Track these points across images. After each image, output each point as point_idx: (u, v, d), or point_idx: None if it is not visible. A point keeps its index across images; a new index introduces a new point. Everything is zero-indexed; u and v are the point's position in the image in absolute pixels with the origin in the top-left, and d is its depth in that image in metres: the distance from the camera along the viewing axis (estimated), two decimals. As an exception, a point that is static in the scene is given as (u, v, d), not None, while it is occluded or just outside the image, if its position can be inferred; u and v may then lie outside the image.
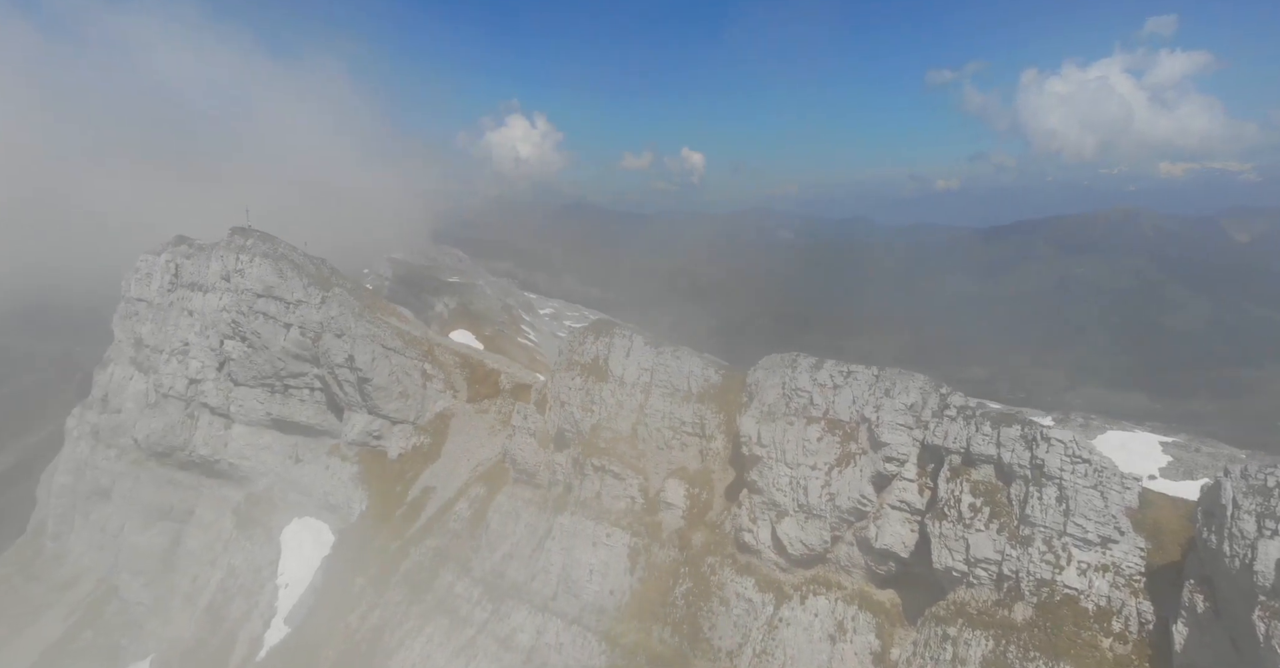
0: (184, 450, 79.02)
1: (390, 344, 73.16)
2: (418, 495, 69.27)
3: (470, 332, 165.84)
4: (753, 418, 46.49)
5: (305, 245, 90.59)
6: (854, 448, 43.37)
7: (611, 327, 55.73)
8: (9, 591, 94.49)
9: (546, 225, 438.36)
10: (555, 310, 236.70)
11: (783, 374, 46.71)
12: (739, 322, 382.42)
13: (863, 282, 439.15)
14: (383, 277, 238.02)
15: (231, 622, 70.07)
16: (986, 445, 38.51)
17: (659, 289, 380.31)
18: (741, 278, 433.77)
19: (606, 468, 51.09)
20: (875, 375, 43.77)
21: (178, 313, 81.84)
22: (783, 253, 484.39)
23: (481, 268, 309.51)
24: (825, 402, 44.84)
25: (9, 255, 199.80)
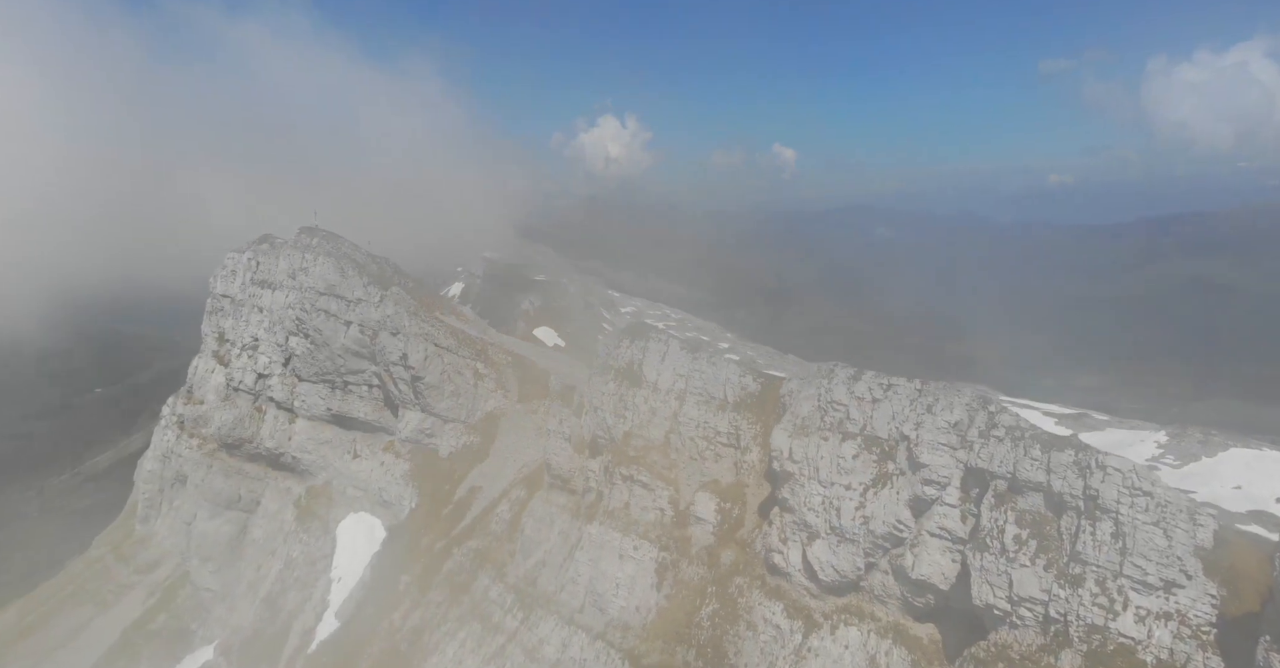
0: (252, 443, 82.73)
1: (443, 343, 74.20)
2: (464, 495, 69.96)
3: (553, 329, 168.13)
4: (785, 432, 44.14)
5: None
6: (891, 468, 40.44)
7: (648, 330, 54.35)
8: (101, 570, 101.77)
9: (634, 224, 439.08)
10: (637, 309, 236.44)
11: (818, 386, 44.14)
12: (831, 323, 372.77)
13: (969, 281, 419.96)
14: (475, 275, 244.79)
15: (286, 613, 72.77)
16: (1035, 471, 35.00)
17: (746, 288, 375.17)
18: (835, 277, 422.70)
19: (635, 478, 49.77)
20: (917, 390, 40.66)
21: (250, 309, 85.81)
22: (881, 251, 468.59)
23: (569, 266, 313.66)
24: (863, 417, 42.04)
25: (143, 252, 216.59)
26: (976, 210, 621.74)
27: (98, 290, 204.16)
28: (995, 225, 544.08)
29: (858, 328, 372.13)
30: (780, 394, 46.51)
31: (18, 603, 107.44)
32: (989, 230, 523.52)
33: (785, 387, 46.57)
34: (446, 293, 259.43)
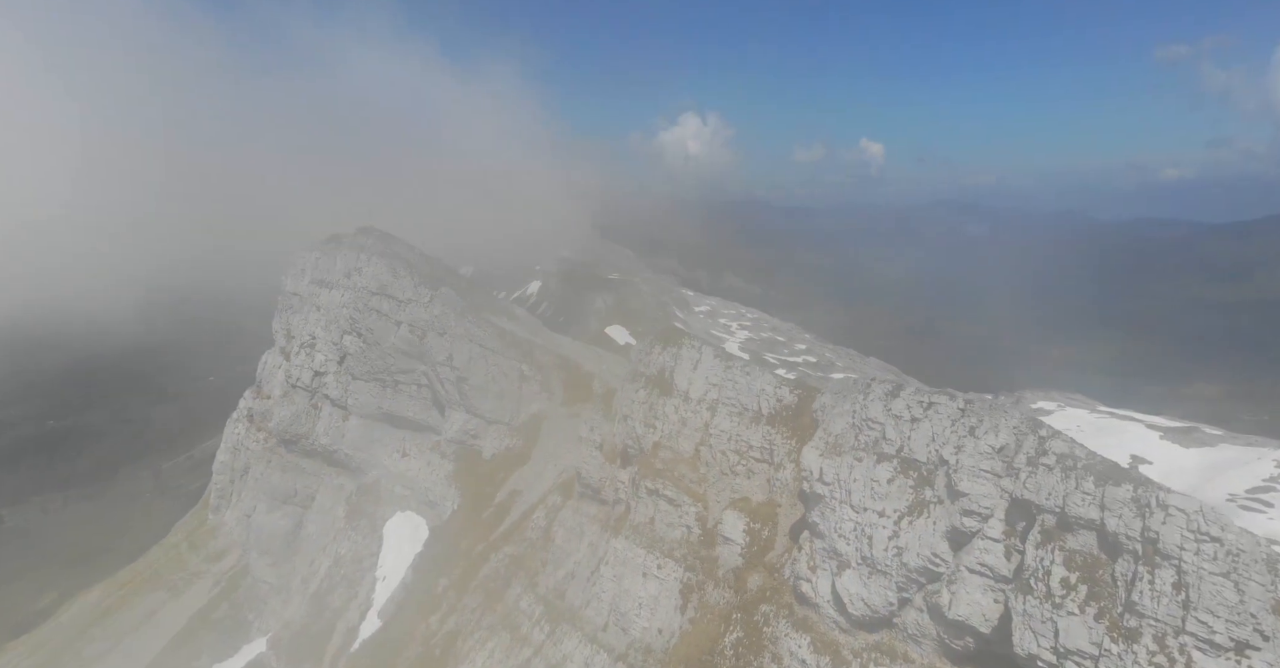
0: (308, 439, 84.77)
1: (489, 344, 73.92)
2: (505, 498, 69.49)
3: (624, 327, 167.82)
4: (816, 450, 41.16)
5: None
6: (929, 495, 37.00)
7: (680, 336, 52.10)
8: (175, 557, 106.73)
9: (711, 222, 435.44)
10: (711, 308, 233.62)
11: (853, 401, 40.96)
12: (918, 324, 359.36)
13: (1072, 282, 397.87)
14: (550, 273, 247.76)
15: (332, 611, 74.05)
16: (1087, 507, 31.10)
17: (827, 287, 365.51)
18: (924, 276, 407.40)
19: (661, 492, 47.68)
20: (960, 409, 37.06)
21: (310, 307, 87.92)
22: (974, 250, 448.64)
23: (645, 265, 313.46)
24: (900, 437, 38.68)
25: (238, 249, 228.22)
26: (1081, 208, 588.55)
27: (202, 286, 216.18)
28: (1102, 223, 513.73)
29: (947, 329, 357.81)
30: (813, 409, 43.55)
31: (102, 584, 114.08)
32: (1095, 229, 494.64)
33: (818, 401, 43.57)
34: (525, 291, 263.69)
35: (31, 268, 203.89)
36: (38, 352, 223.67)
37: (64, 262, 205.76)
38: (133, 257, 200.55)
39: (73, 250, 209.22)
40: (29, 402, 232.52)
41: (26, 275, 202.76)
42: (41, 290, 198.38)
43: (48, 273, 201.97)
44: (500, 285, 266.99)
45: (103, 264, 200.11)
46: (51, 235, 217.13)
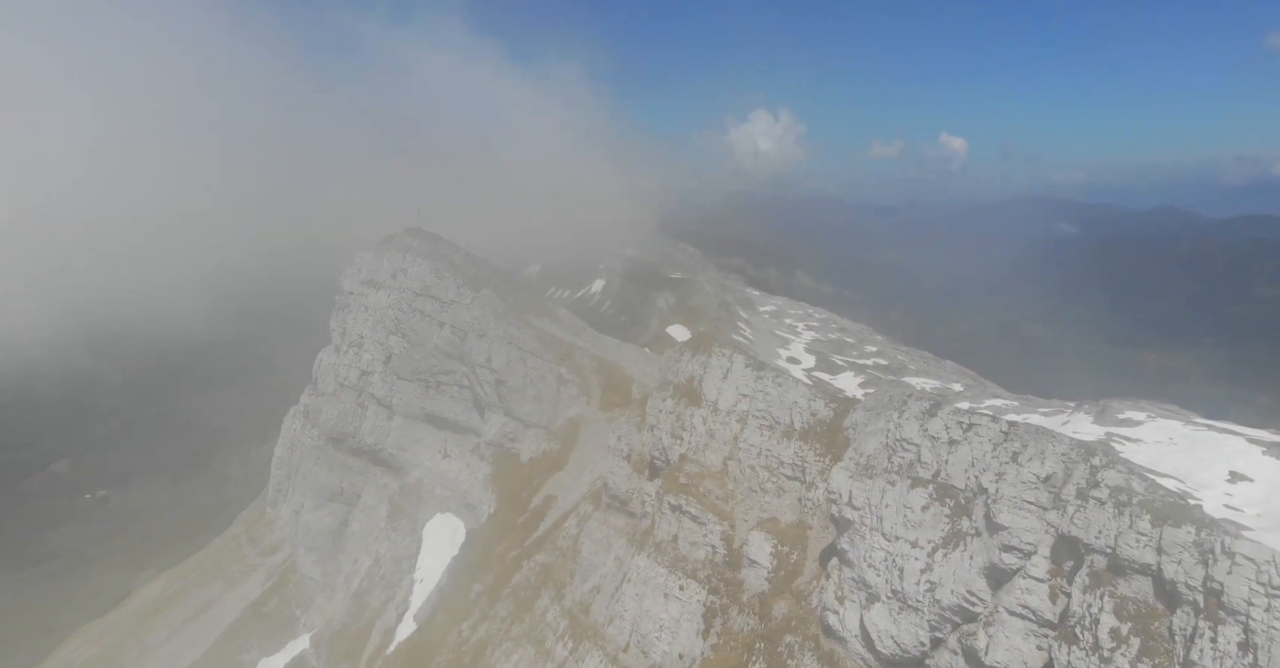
0: (354, 437, 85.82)
1: (527, 347, 73.05)
2: (540, 504, 68.48)
3: (686, 327, 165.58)
4: (846, 471, 38.30)
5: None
6: (966, 526, 33.77)
7: (710, 343, 49.70)
8: (234, 548, 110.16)
9: (782, 220, 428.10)
10: (777, 308, 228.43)
11: (887, 419, 37.93)
12: (1000, 326, 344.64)
13: (1171, 283, 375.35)
14: (614, 272, 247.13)
15: (371, 611, 74.52)
16: (1142, 549, 27.55)
17: (903, 287, 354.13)
18: (1008, 275, 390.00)
19: (684, 509, 45.50)
20: (1003, 432, 33.69)
21: (359, 307, 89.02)
22: (1063, 249, 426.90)
23: (710, 264, 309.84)
24: (936, 461, 35.52)
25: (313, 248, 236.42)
26: (1182, 205, 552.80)
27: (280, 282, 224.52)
28: (1205, 221, 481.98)
29: (1032, 332, 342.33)
30: (844, 426, 40.65)
31: (168, 573, 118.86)
32: (1198, 227, 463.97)
33: (850, 417, 40.63)
34: (589, 289, 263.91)
35: (109, 264, 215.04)
36: (125, 342, 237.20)
37: (138, 257, 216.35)
38: (205, 254, 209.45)
39: (148, 247, 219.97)
40: (131, 389, 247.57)
41: (105, 271, 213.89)
42: (121, 285, 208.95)
43: (124, 269, 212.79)
44: (565, 284, 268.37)
45: (178, 260, 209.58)
46: (125, 233, 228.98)
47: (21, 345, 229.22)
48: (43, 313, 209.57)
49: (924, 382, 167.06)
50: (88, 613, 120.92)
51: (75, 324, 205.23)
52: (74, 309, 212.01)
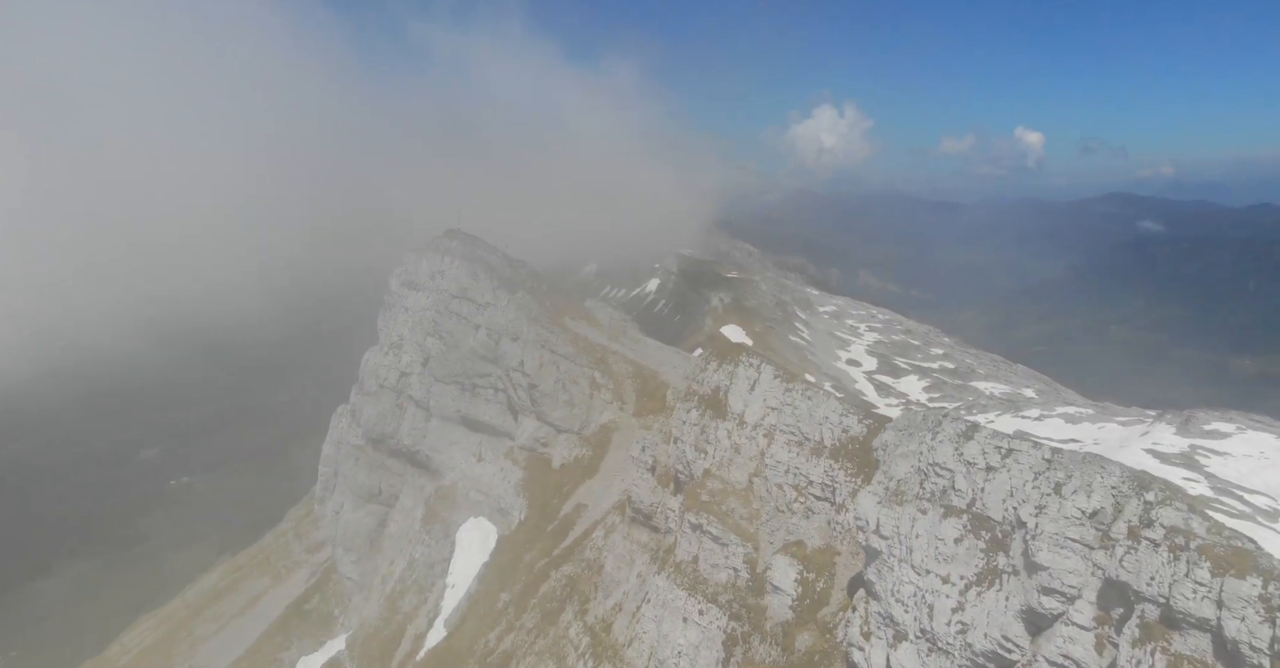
0: (393, 438, 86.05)
1: (561, 351, 71.71)
2: (570, 511, 67.12)
3: (741, 327, 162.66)
4: (874, 496, 35.46)
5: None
6: (1002, 563, 30.66)
7: (737, 352, 47.21)
8: (282, 544, 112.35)
9: (845, 217, 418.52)
10: (838, 308, 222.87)
11: (920, 441, 34.94)
12: (1078, 329, 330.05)
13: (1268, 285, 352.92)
14: (669, 271, 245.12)
15: (403, 616, 74.36)
16: (1200, 602, 24.20)
17: (974, 287, 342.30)
18: (1087, 275, 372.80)
19: (705, 529, 43.20)
20: (1046, 460, 30.45)
21: (399, 309, 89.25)
22: (1149, 247, 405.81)
23: (769, 263, 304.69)
24: (972, 489, 32.43)
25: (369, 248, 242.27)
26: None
27: (348, 281, 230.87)
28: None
29: (1114, 336, 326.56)
30: (874, 446, 37.77)
31: (222, 566, 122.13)
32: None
33: (879, 437, 37.70)
34: (643, 289, 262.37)
35: (175, 266, 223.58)
36: (198, 336, 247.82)
37: (201, 256, 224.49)
38: (268, 253, 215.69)
39: (209, 245, 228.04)
40: (216, 382, 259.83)
41: (171, 269, 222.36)
42: (190, 283, 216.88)
43: (189, 268, 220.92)
44: (620, 283, 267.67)
45: (239, 258, 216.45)
46: (185, 231, 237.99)
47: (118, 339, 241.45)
48: (121, 308, 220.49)
49: (993, 386, 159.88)
50: (170, 595, 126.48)
51: (148, 319, 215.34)
52: (144, 304, 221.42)
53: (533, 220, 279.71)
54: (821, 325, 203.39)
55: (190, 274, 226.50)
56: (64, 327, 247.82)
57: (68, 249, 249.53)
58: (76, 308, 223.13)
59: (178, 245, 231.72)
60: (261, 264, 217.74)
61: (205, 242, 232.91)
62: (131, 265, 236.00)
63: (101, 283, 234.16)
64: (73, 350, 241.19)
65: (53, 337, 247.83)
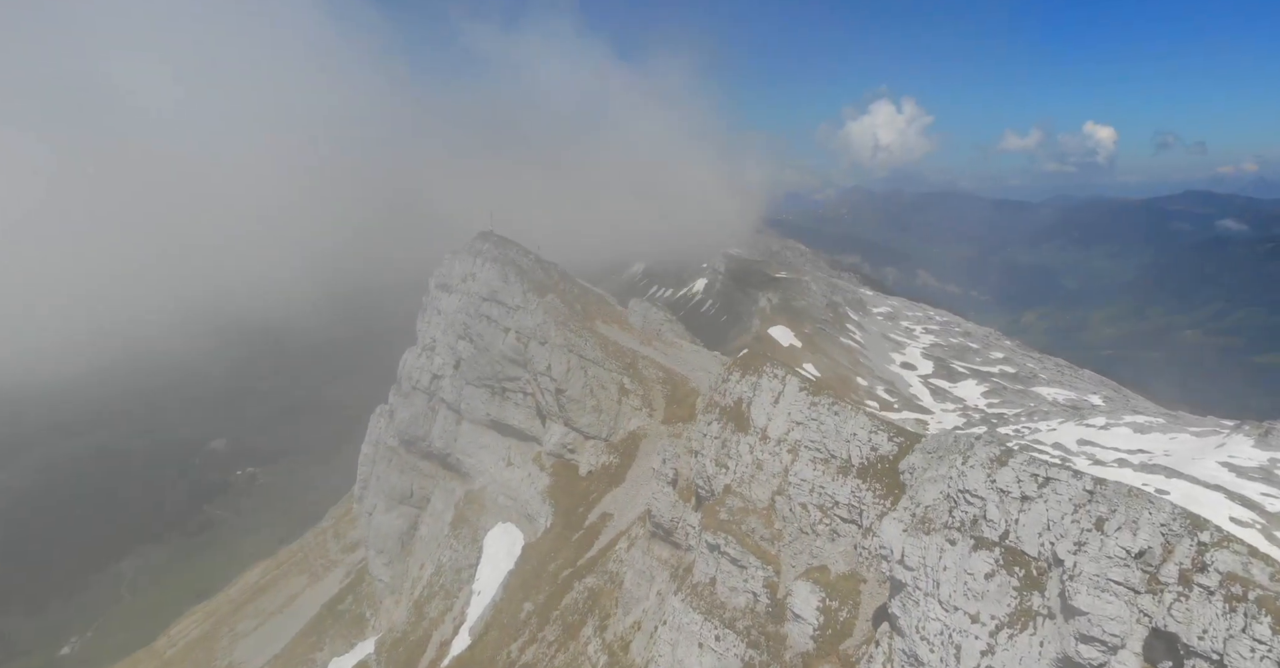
0: (425, 441, 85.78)
1: (589, 355, 70.21)
2: (595, 521, 65.59)
3: (789, 328, 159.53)
4: (899, 523, 32.98)
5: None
6: (1037, 603, 27.95)
7: (761, 363, 44.85)
8: (321, 542, 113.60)
9: (903, 216, 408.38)
10: (893, 309, 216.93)
11: (949, 465, 32.31)
12: (1151, 332, 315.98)
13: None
14: (716, 271, 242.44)
15: (429, 621, 73.91)
16: (1258, 662, 21.36)
17: (1039, 288, 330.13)
18: (1162, 277, 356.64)
19: (723, 549, 41.10)
20: (1087, 491, 27.61)
21: (432, 311, 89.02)
22: (1229, 248, 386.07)
23: (822, 262, 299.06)
24: (1005, 519, 29.73)
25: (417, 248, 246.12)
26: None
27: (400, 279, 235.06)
28: None
29: (1190, 340, 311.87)
30: (900, 469, 35.20)
31: (264, 563, 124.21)
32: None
33: (906, 460, 35.11)
34: (690, 289, 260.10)
35: (220, 264, 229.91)
36: (247, 332, 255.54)
37: (246, 253, 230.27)
38: (320, 250, 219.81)
39: (260, 245, 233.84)
40: (280, 375, 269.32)
41: (216, 267, 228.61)
42: (234, 280, 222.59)
43: (234, 265, 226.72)
44: (667, 283, 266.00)
45: (289, 255, 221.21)
46: (239, 231, 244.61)
47: (170, 335, 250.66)
48: (171, 305, 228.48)
49: (1056, 392, 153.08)
50: (230, 582, 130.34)
51: (196, 316, 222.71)
52: (192, 301, 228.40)
53: (580, 220, 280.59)
54: (875, 327, 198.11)
55: (234, 271, 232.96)
56: (119, 324, 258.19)
57: (117, 248, 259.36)
58: (129, 305, 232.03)
59: (223, 244, 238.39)
60: (307, 261, 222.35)
61: (250, 239, 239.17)
62: (179, 263, 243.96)
63: (152, 281, 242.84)
64: (129, 346, 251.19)
65: (109, 334, 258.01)
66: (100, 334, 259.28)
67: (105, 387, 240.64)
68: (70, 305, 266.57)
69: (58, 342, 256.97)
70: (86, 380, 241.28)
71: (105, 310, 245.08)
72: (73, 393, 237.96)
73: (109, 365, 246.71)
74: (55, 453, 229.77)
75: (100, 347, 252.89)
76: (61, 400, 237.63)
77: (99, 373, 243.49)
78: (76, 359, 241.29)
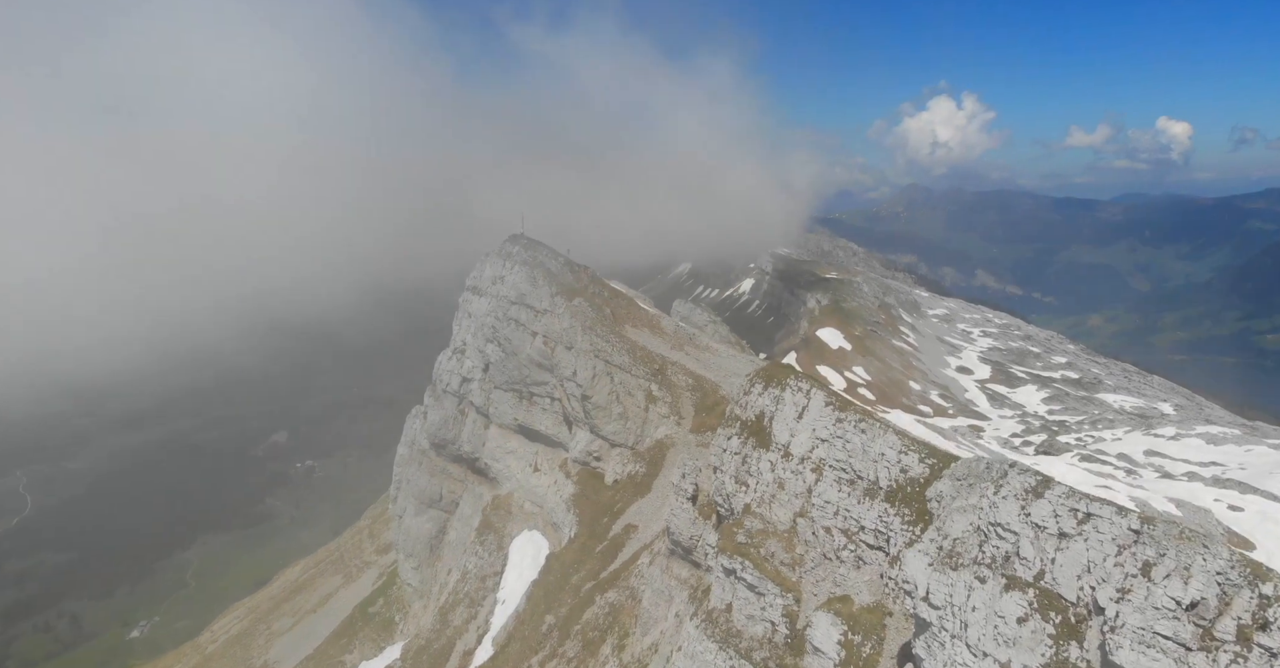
0: (454, 444, 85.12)
1: (616, 361, 68.43)
2: (619, 532, 63.84)
3: (839, 330, 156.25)
4: (924, 557, 30.33)
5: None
6: (1075, 655, 25.12)
7: (785, 374, 42.35)
8: (358, 542, 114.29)
9: (962, 215, 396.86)
10: (949, 311, 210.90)
11: (980, 494, 29.56)
12: (1227, 337, 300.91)
13: None
14: (764, 271, 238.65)
15: (453, 629, 73.07)
16: (1333, 750, 18.37)
17: (1106, 290, 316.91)
18: (1241, 279, 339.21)
19: (739, 574, 38.82)
20: (1133, 531, 24.69)
21: (463, 314, 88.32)
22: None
23: (876, 262, 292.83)
24: (1040, 558, 26.92)
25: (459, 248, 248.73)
26: None
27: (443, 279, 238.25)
28: None
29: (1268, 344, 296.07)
30: (927, 496, 32.49)
31: (304, 561, 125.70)
32: None
33: (934, 486, 32.37)
34: (737, 289, 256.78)
35: (267, 260, 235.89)
36: (297, 328, 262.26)
37: (293, 251, 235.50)
38: (366, 249, 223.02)
39: (306, 243, 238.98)
40: (337, 372, 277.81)
41: (264, 264, 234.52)
42: (280, 277, 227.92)
43: (281, 261, 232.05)
44: (713, 283, 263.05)
45: (345, 256, 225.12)
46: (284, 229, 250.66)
47: (225, 331, 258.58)
48: (224, 302, 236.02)
49: (1123, 399, 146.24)
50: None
51: (248, 313, 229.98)
52: (243, 298, 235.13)
53: (625, 220, 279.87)
54: (929, 330, 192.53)
55: (291, 271, 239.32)
56: (175, 320, 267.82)
57: (169, 247, 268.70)
58: (183, 302, 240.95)
59: (276, 243, 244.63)
60: (360, 261, 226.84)
61: (304, 239, 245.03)
62: (234, 264, 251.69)
63: (212, 282, 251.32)
64: (193, 342, 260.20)
65: (166, 331, 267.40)
66: (163, 329, 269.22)
67: (173, 380, 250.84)
68: (136, 302, 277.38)
69: (127, 337, 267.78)
70: (155, 373, 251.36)
71: (162, 308, 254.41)
72: (142, 386, 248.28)
73: (174, 360, 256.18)
74: (127, 443, 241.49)
75: (165, 342, 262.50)
76: (133, 393, 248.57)
77: (166, 367, 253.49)
78: (147, 354, 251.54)
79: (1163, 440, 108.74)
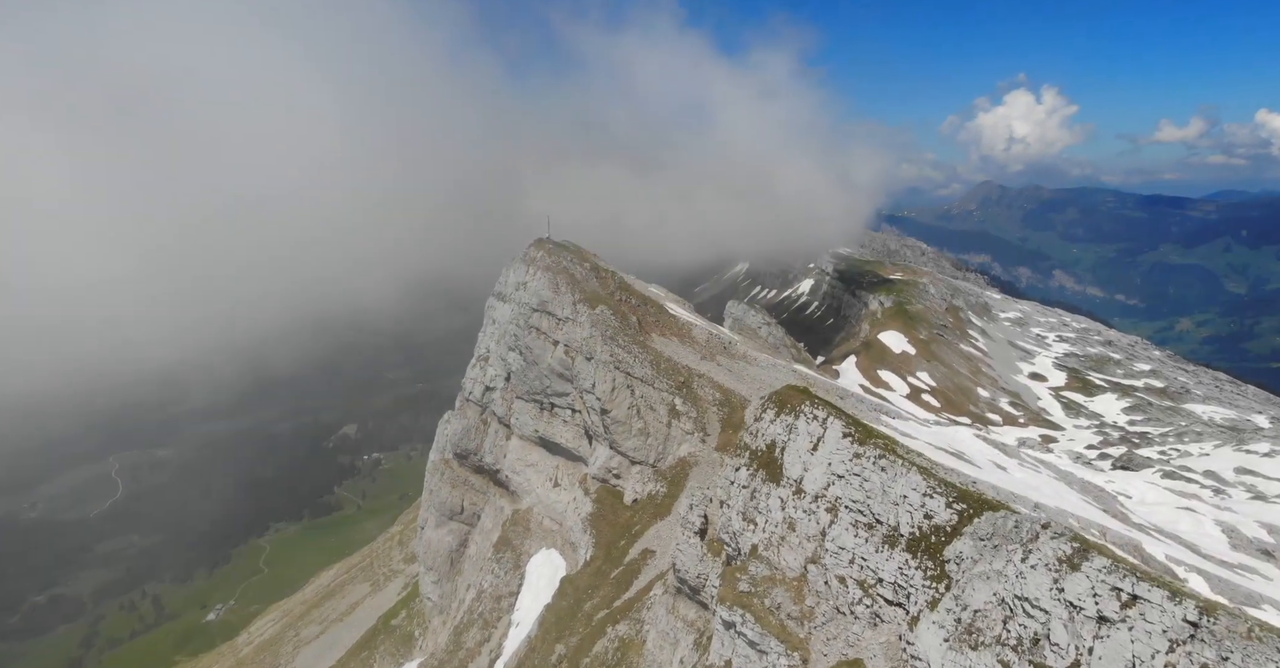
0: (476, 455, 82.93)
1: (637, 373, 64.85)
2: (636, 557, 60.37)
3: (902, 334, 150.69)
4: (939, 630, 26.05)
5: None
6: (1114, 772, 20.61)
7: (800, 399, 38.08)
8: (387, 549, 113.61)
9: (1039, 213, 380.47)
10: (1022, 315, 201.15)
11: (1004, 560, 25.07)
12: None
13: None
14: (823, 272, 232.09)
15: (465, 652, 70.72)
16: None
17: (1197, 292, 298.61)
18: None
19: (739, 629, 34.90)
20: (1190, 622, 20.05)
21: (487, 320, 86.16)
22: None
23: (945, 262, 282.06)
24: (1075, 644, 22.40)
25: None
26: None
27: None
28: None
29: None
30: (945, 557, 28.05)
31: (338, 565, 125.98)
32: None
33: (953, 546, 27.88)
34: (795, 290, 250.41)
35: (314, 258, 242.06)
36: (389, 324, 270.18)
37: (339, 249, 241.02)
38: (408, 246, 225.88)
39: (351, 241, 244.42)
40: (406, 367, 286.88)
41: (311, 262, 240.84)
42: (324, 273, 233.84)
43: (328, 259, 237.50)
44: (770, 284, 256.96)
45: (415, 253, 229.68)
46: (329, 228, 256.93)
47: (280, 327, 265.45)
48: (272, 298, 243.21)
49: (1212, 411, 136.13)
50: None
51: (300, 309, 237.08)
52: (292, 294, 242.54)
53: (680, 219, 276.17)
54: (1001, 334, 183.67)
55: (361, 270, 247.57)
56: (243, 314, 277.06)
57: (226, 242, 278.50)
58: (234, 297, 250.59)
59: (312, 240, 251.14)
60: (428, 262, 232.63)
61: (341, 235, 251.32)
62: (307, 261, 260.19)
63: (254, 275, 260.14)
64: (267, 334, 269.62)
65: (234, 324, 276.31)
66: (233, 322, 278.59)
67: (249, 372, 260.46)
68: (204, 297, 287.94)
69: (195, 330, 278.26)
70: (230, 366, 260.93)
71: (213, 303, 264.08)
72: (219, 378, 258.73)
73: (246, 352, 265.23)
74: (211, 432, 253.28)
75: (233, 335, 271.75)
76: (215, 384, 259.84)
77: (240, 359, 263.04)
78: (227, 347, 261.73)
79: (1256, 457, 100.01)
